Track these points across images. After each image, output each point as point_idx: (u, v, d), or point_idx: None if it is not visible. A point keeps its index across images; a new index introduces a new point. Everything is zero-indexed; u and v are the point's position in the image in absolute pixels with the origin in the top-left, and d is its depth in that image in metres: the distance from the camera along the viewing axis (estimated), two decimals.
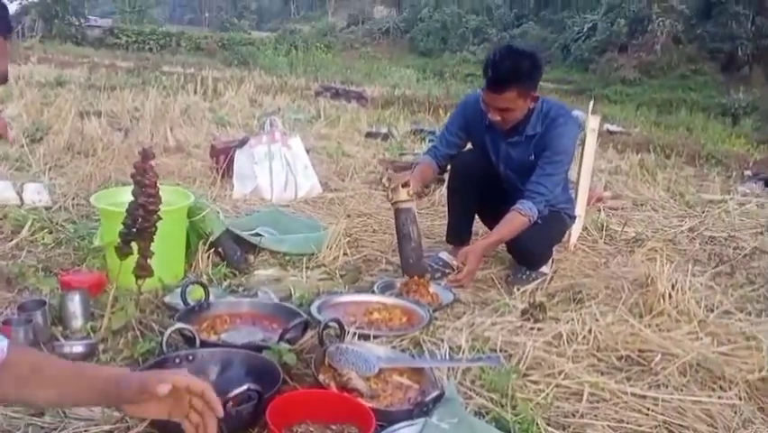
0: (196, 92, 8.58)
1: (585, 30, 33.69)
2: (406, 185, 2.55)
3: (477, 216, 2.94)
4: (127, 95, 7.38)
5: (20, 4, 36.57)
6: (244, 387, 1.43)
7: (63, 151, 4.31)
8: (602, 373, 1.94)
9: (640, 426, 1.68)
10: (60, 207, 3.18)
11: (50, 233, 2.77)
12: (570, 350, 2.03)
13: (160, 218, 1.74)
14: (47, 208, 3.10)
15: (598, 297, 2.51)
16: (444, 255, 2.81)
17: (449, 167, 2.89)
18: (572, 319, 2.20)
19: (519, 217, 2.49)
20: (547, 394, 1.79)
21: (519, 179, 2.64)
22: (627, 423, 1.69)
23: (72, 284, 2.09)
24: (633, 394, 1.82)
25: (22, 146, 4.17)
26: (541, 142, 2.55)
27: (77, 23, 32.95)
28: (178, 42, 31.71)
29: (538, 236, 2.58)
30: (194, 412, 1.14)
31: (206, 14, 54.27)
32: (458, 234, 2.89)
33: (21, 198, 3.15)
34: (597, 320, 2.21)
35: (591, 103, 3.13)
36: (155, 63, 15.42)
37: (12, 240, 2.68)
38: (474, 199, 2.82)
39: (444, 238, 2.97)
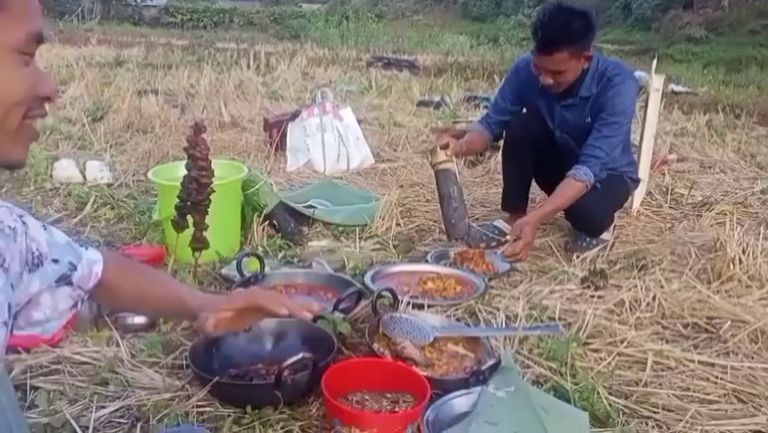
0: (249, 67, 8.64)
1: None
2: (444, 146, 2.50)
3: (534, 182, 2.86)
4: (183, 72, 7.50)
5: None
6: (299, 355, 1.44)
7: (123, 129, 4.41)
8: (667, 342, 1.87)
9: (708, 394, 1.61)
10: (121, 183, 3.27)
11: (112, 209, 2.85)
12: (633, 318, 1.97)
13: (213, 191, 1.75)
14: (108, 185, 3.20)
15: (663, 263, 2.42)
16: (500, 223, 2.75)
17: (504, 133, 2.81)
18: (635, 286, 2.12)
19: (575, 184, 2.40)
20: (609, 363, 1.74)
21: (576, 143, 2.54)
22: (694, 391, 1.63)
23: (133, 257, 2.15)
24: (700, 362, 1.75)
25: (84, 125, 4.29)
26: (597, 103, 2.44)
27: (133, 4, 33.63)
28: (231, 18, 31.94)
29: (598, 201, 2.48)
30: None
31: None
32: (514, 202, 2.81)
33: (83, 176, 3.26)
34: (662, 287, 2.12)
35: (654, 61, 2.98)
36: (209, 40, 15.58)
37: (76, 216, 2.77)
38: (530, 165, 2.72)
39: (500, 206, 2.90)
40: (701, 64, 18.88)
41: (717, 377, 1.69)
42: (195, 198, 1.69)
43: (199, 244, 1.84)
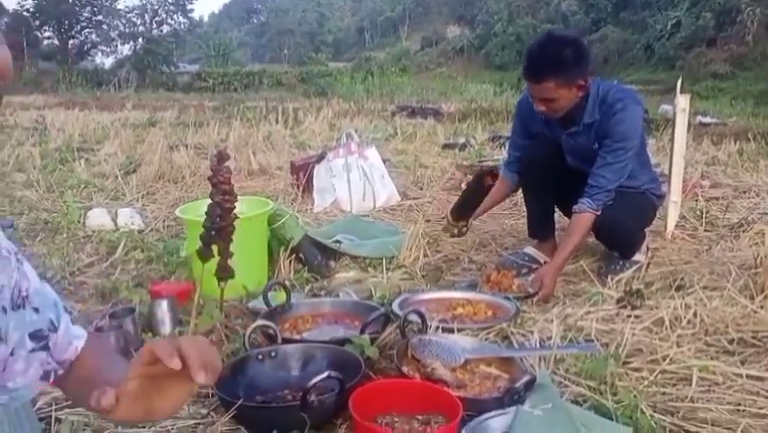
0: (277, 121, 8.85)
1: (668, 27, 32.40)
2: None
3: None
4: (213, 128, 7.71)
5: (115, 58, 39.45)
6: (325, 374, 1.40)
7: (154, 179, 4.52)
8: (712, 358, 1.77)
9: (760, 408, 1.51)
10: (152, 228, 3.32)
11: (142, 252, 2.87)
12: (674, 335, 1.88)
13: (236, 217, 1.75)
14: (140, 231, 3.24)
15: (702, 282, 2.32)
16: (530, 250, 2.70)
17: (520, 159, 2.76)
18: (674, 305, 2.04)
19: (582, 218, 2.37)
20: (651, 381, 1.65)
21: (589, 168, 2.47)
22: (745, 406, 1.52)
23: (161, 293, 2.15)
24: (749, 376, 1.65)
25: (117, 177, 4.40)
26: (601, 129, 2.39)
27: (167, 71, 35.10)
28: (260, 80, 33.09)
29: (623, 215, 2.41)
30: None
31: (286, 51, 56.37)
32: (539, 229, 2.76)
33: (115, 223, 3.31)
34: (704, 304, 2.03)
35: (679, 81, 2.94)
36: (239, 100, 16.10)
37: (107, 260, 2.80)
38: (548, 191, 2.67)
39: (528, 234, 2.85)
40: (728, 99, 18.72)
41: None
42: (219, 224, 1.69)
43: (224, 272, 1.83)
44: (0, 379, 0.85)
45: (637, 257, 2.58)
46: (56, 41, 39.69)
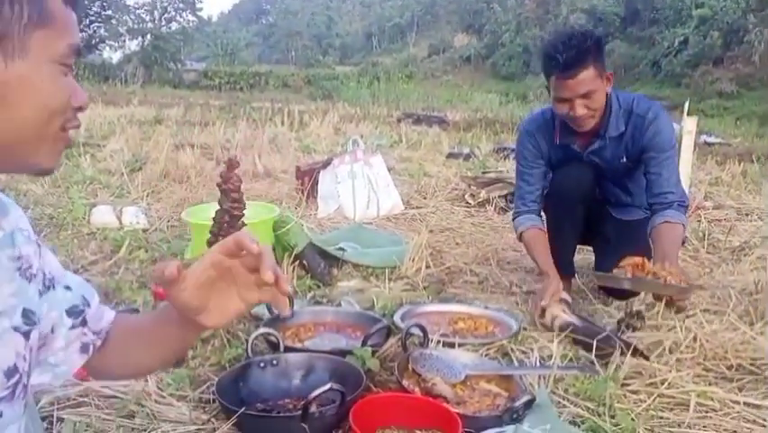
0: (283, 123, 8.87)
1: (676, 44, 32.47)
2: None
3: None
4: (219, 128, 7.73)
5: (123, 53, 39.55)
6: (327, 386, 1.41)
7: (159, 178, 4.53)
8: (710, 383, 1.78)
9: None
10: (156, 228, 3.33)
11: (146, 252, 2.88)
12: (672, 359, 1.89)
13: (244, 224, 1.77)
14: (144, 230, 3.25)
15: (702, 305, 2.33)
16: None
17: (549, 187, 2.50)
18: (675, 327, 2.04)
19: (676, 229, 2.16)
20: (649, 404, 1.66)
21: (616, 186, 2.41)
22: None
23: (164, 295, 2.16)
24: (746, 404, 1.66)
25: (123, 175, 4.42)
26: (634, 142, 2.26)
27: (174, 69, 35.18)
28: (266, 81, 33.15)
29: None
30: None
31: (293, 53, 56.52)
32: (560, 268, 2.41)
33: (120, 221, 3.33)
34: (703, 328, 2.04)
35: (687, 103, 2.96)
36: (245, 100, 16.13)
37: (111, 259, 2.82)
38: (575, 225, 2.44)
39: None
40: (733, 118, 18.75)
41: (764, 419, 1.60)
42: (226, 230, 1.71)
43: None
44: (42, 354, 0.88)
45: None
46: None
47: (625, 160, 2.32)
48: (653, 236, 2.19)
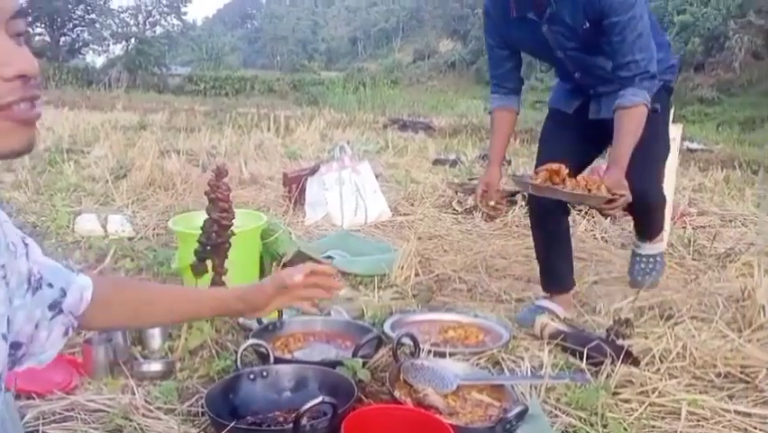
0: (269, 129, 8.84)
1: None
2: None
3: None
4: (204, 134, 7.68)
5: (107, 57, 39.25)
6: (319, 399, 1.39)
7: (145, 186, 4.48)
8: (700, 391, 1.79)
9: None
10: (142, 236, 3.29)
11: (132, 260, 2.85)
12: (663, 367, 1.89)
13: (233, 234, 1.75)
14: (129, 238, 3.22)
15: (690, 312, 2.34)
16: (546, 303, 2.38)
17: (527, 202, 2.52)
18: (664, 336, 2.05)
19: (634, 114, 1.99)
20: (641, 414, 1.66)
21: (597, 68, 2.21)
22: None
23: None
24: (737, 412, 1.66)
25: (107, 182, 4.37)
26: (592, 4, 2.03)
27: (159, 73, 34.94)
28: (252, 86, 33.00)
29: (641, 170, 2.08)
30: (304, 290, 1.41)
31: (278, 58, 56.41)
32: (556, 282, 2.42)
33: (105, 230, 3.28)
34: (692, 336, 2.05)
35: (672, 110, 2.97)
36: (230, 106, 16.06)
37: (96, 268, 2.77)
38: (563, 236, 2.39)
39: (541, 286, 2.48)
40: (714, 124, 18.99)
41: (755, 427, 1.61)
42: (215, 240, 1.69)
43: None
44: (30, 349, 0.94)
45: (659, 246, 2.59)
46: (47, 38, 39.37)
47: (588, 25, 2.10)
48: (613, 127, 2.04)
